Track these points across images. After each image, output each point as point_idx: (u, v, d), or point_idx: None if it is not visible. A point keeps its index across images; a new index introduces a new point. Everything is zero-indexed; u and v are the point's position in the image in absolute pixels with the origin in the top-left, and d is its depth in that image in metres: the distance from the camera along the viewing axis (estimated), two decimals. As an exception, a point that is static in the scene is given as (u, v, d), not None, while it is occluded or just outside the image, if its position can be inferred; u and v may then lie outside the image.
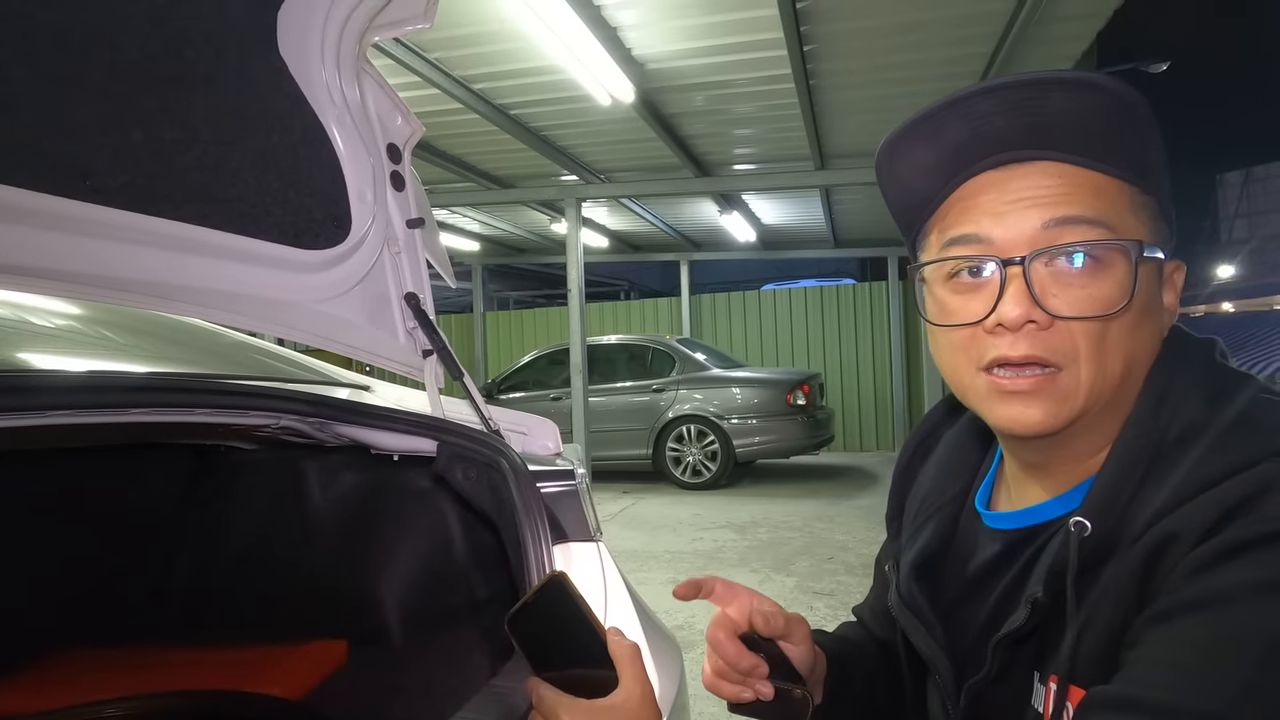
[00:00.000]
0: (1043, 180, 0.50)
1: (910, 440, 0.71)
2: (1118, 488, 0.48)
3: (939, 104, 0.51)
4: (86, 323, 1.22)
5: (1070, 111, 0.48)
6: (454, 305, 12.70)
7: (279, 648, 1.18)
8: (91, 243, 0.78)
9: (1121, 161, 0.50)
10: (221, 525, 1.38)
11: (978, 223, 0.51)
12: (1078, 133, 0.49)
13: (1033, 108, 0.49)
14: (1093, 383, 0.49)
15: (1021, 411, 0.51)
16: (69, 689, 1.06)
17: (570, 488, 1.07)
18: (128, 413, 0.76)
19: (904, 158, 0.55)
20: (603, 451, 6.77)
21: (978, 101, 0.50)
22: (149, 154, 0.82)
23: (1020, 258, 0.49)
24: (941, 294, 0.54)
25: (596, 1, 3.39)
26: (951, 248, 0.53)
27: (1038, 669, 0.52)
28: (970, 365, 0.52)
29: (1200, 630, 0.41)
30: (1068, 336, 0.49)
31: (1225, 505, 0.43)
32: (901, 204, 0.58)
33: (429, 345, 1.18)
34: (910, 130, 0.53)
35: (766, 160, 6.00)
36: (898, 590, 0.63)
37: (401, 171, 1.16)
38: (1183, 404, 0.49)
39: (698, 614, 3.40)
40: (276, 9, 0.97)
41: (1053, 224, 0.49)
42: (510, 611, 0.58)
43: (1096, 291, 0.49)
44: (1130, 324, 0.50)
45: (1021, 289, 0.49)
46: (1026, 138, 0.50)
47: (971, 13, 3.57)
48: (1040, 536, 0.54)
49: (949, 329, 0.53)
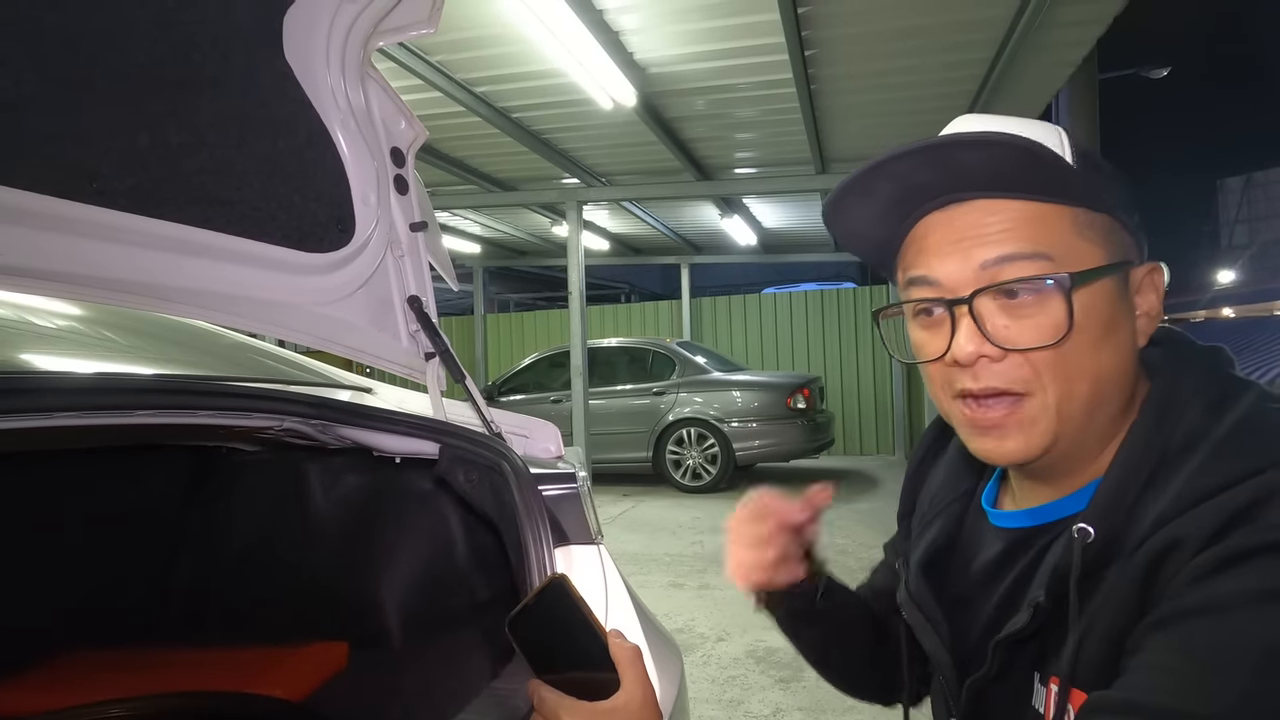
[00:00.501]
0: (984, 217, 0.52)
1: (923, 439, 0.73)
2: (1121, 494, 0.49)
3: (862, 170, 0.54)
4: (88, 324, 1.22)
5: (981, 164, 0.51)
6: (455, 307, 12.71)
7: (280, 649, 1.19)
8: (97, 245, 0.79)
9: (1050, 192, 0.51)
10: (223, 527, 1.38)
11: (928, 265, 0.54)
12: (995, 178, 0.51)
13: (948, 165, 0.51)
14: (1059, 404, 0.51)
15: (996, 445, 0.53)
16: (72, 689, 1.06)
17: (571, 490, 1.07)
18: (132, 414, 0.77)
19: (847, 214, 0.57)
20: (603, 454, 6.77)
21: (896, 164, 0.52)
22: (155, 157, 0.83)
23: (964, 298, 0.52)
24: (912, 330, 0.57)
25: (599, 6, 3.40)
26: (910, 288, 0.56)
27: (1038, 670, 0.52)
28: (946, 394, 0.55)
29: (1201, 637, 0.41)
30: (1024, 365, 0.51)
31: (1228, 513, 0.43)
32: (865, 250, 0.60)
33: (431, 348, 1.18)
34: (844, 194, 0.56)
35: (767, 164, 6.01)
36: (907, 587, 0.64)
37: (405, 175, 1.17)
38: (1186, 411, 0.50)
39: (697, 616, 3.40)
40: (283, 14, 0.98)
41: (992, 263, 0.51)
42: (511, 614, 0.58)
43: (1044, 320, 0.50)
44: (1089, 343, 0.51)
45: (970, 327, 0.51)
46: (953, 184, 0.53)
47: (972, 19, 3.58)
48: (1044, 537, 0.55)
49: (923, 364, 0.56)
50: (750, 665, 2.92)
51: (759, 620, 3.16)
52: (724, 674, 2.85)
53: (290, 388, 1.10)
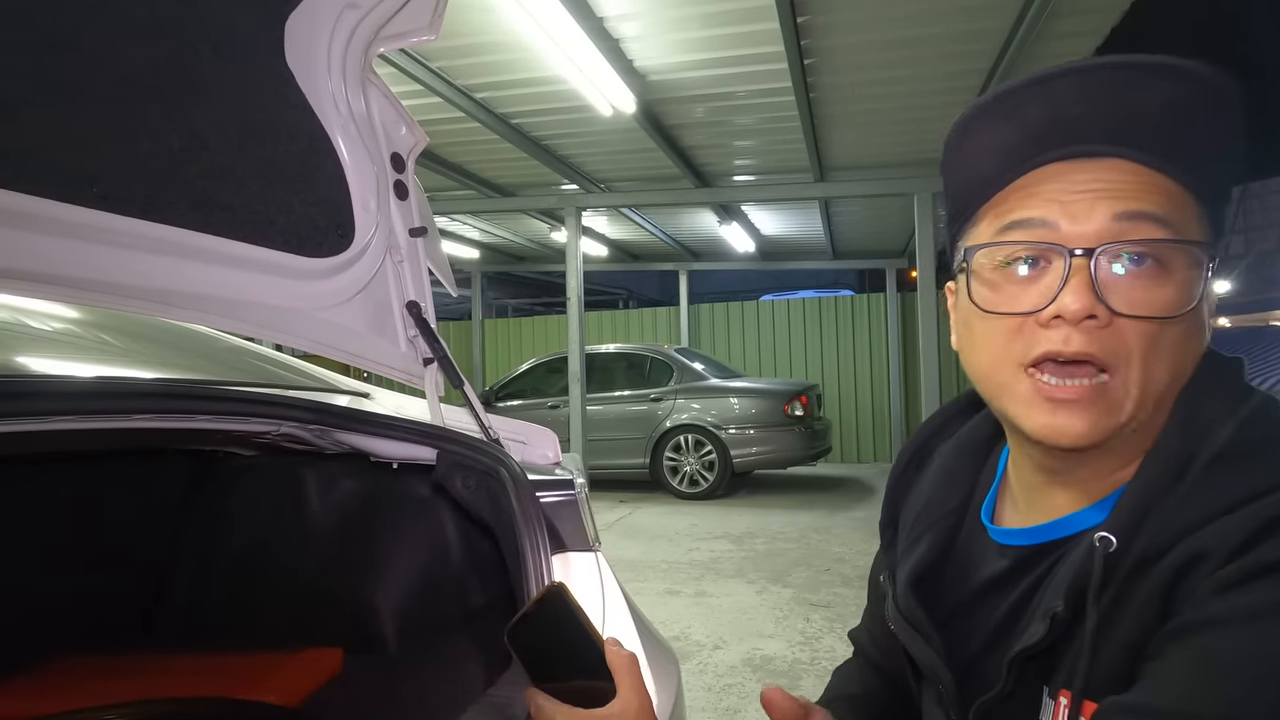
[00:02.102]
0: (1112, 175, 0.48)
1: (905, 450, 0.70)
2: (1145, 504, 0.47)
3: (1023, 80, 0.49)
4: (86, 327, 1.22)
5: (1156, 105, 0.46)
6: (453, 312, 12.71)
7: (275, 655, 1.18)
8: (98, 249, 0.79)
9: (1193, 167, 0.48)
10: (220, 531, 1.38)
11: (1043, 208, 0.49)
12: (1160, 129, 0.47)
13: (1118, 96, 0.47)
14: (1141, 391, 0.48)
15: (1066, 421, 0.49)
16: (67, 694, 1.06)
17: (569, 497, 1.07)
18: (130, 419, 0.77)
19: (977, 134, 0.52)
20: (600, 460, 6.76)
21: (1064, 83, 0.48)
22: (156, 161, 0.83)
23: (1087, 249, 0.47)
24: (993, 282, 0.51)
25: (599, 14, 3.42)
26: (1010, 232, 0.50)
27: (1047, 684, 0.51)
28: (1012, 361, 0.50)
29: (1223, 647, 0.41)
30: (1122, 338, 0.47)
31: (1254, 525, 0.43)
32: (958, 184, 0.55)
33: (430, 353, 1.18)
34: (989, 106, 0.51)
35: (766, 172, 6.03)
36: (895, 602, 0.62)
37: (405, 181, 1.17)
38: (1212, 423, 0.48)
39: (694, 624, 3.39)
40: (284, 20, 0.99)
41: (1123, 217, 0.47)
42: (510, 622, 0.58)
43: (1160, 294, 0.47)
44: (1184, 333, 0.48)
45: (1085, 282, 0.47)
46: (1104, 131, 0.48)
47: (969, 30, 3.61)
48: (1055, 551, 0.53)
49: (996, 318, 0.50)
50: (747, 673, 2.91)
51: (755, 628, 3.18)
52: (720, 682, 2.84)
53: (288, 392, 1.10)
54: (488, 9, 3.31)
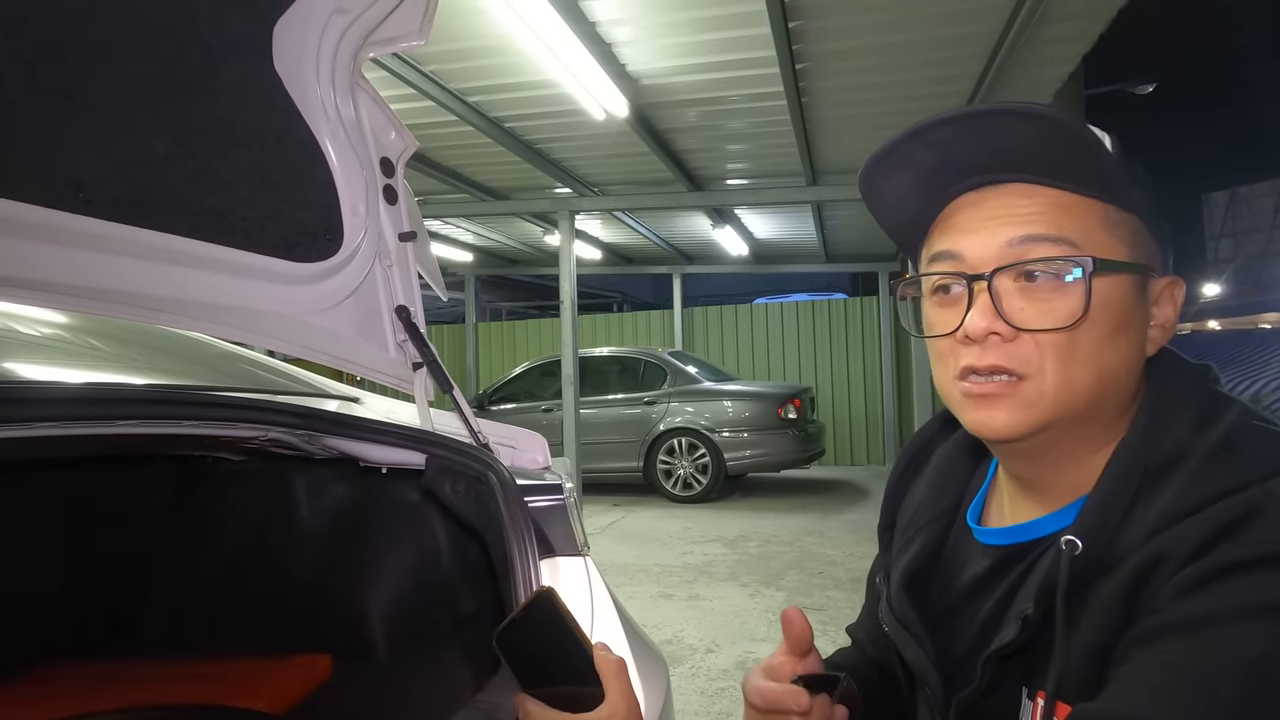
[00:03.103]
0: (1015, 200, 0.53)
1: (904, 454, 0.72)
2: (1109, 507, 0.49)
3: (902, 135, 0.54)
4: (75, 333, 1.22)
5: (1023, 139, 0.51)
6: (446, 316, 12.68)
7: (263, 661, 1.17)
8: (84, 254, 0.79)
9: (1082, 181, 0.52)
10: (208, 537, 1.37)
11: (953, 240, 0.54)
12: (1034, 157, 0.51)
13: (989, 136, 0.52)
14: (1058, 392, 0.51)
15: (988, 415, 0.53)
16: (52, 703, 1.05)
17: (558, 502, 1.07)
18: (115, 424, 0.76)
19: (884, 183, 0.57)
20: (594, 464, 6.75)
21: (938, 130, 0.53)
22: (142, 166, 0.83)
23: (985, 274, 0.52)
24: (927, 307, 0.57)
25: (591, 18, 3.43)
26: (932, 264, 0.56)
27: (1025, 684, 0.52)
28: (950, 375, 0.55)
29: (1184, 652, 0.42)
30: (1032, 347, 0.51)
31: (1212, 529, 0.44)
32: (893, 224, 0.60)
33: (419, 358, 1.18)
34: (882, 160, 0.56)
35: (759, 175, 6.04)
36: (888, 602, 0.64)
37: (394, 185, 1.17)
38: (1174, 427, 0.50)
39: (686, 628, 3.39)
40: (273, 24, 0.98)
41: (1017, 241, 0.52)
42: (499, 627, 0.58)
43: (1059, 305, 0.51)
44: (1101, 336, 0.51)
45: (986, 303, 0.52)
46: (990, 163, 0.53)
47: (960, 34, 3.63)
48: (1031, 553, 0.55)
49: (933, 340, 0.56)
50: (739, 677, 2.91)
51: (748, 631, 3.18)
52: (713, 685, 2.84)
53: (276, 397, 1.10)
54: (480, 13, 3.32)
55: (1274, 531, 0.43)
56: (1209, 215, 22.15)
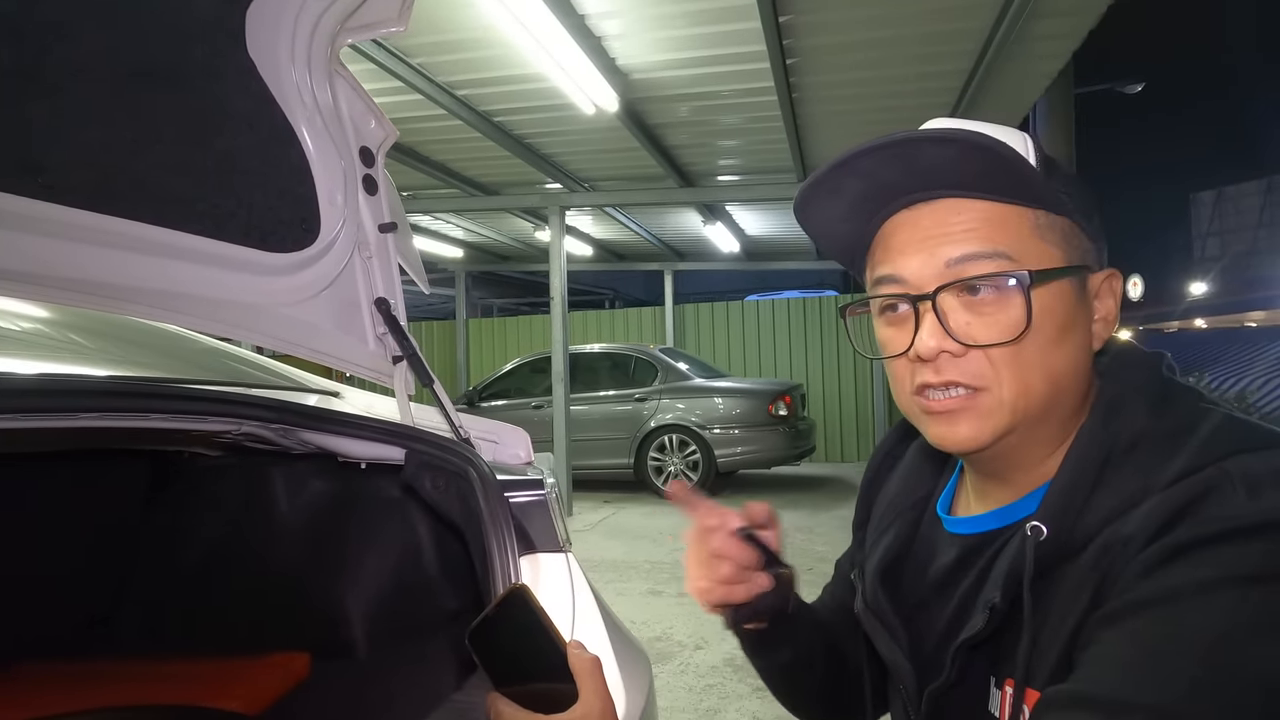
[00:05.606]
0: (949, 216, 0.54)
1: (879, 449, 0.73)
2: (1071, 493, 0.50)
3: (828, 167, 0.55)
4: (56, 327, 1.19)
5: (945, 162, 0.52)
6: (437, 312, 12.61)
7: (239, 660, 1.15)
8: (45, 241, 0.76)
9: (1008, 192, 0.53)
10: (183, 534, 1.35)
11: (894, 263, 0.56)
12: (961, 176, 0.53)
13: (912, 162, 0.53)
14: (1015, 400, 0.52)
15: (949, 429, 0.54)
16: (21, 703, 1.02)
17: (539, 498, 1.05)
18: (76, 417, 0.74)
19: (817, 212, 0.59)
20: (584, 460, 6.73)
21: (861, 161, 0.54)
22: (107, 152, 0.80)
23: (928, 294, 0.53)
24: (878, 328, 0.58)
25: (581, 11, 3.40)
26: (877, 286, 0.57)
27: (993, 673, 0.53)
28: (907, 391, 0.56)
29: (1150, 629, 0.43)
30: (983, 361, 0.53)
31: (1172, 509, 0.45)
32: (835, 250, 0.61)
33: (399, 351, 1.16)
34: (813, 191, 0.57)
35: (750, 171, 6.03)
36: (864, 596, 0.64)
37: (374, 175, 1.14)
38: (1133, 413, 0.52)
39: (676, 625, 3.38)
40: (245, 8, 0.96)
41: (955, 262, 0.53)
42: (471, 625, 0.57)
43: (1003, 317, 0.52)
44: (1045, 342, 0.52)
45: (933, 322, 0.53)
46: (918, 183, 0.54)
47: (950, 30, 3.63)
48: (996, 541, 0.56)
49: (888, 360, 0.57)
50: (728, 674, 2.90)
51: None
52: (701, 682, 2.83)
53: (251, 390, 1.07)
54: (467, 4, 3.28)
55: (1229, 509, 0.44)
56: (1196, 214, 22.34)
